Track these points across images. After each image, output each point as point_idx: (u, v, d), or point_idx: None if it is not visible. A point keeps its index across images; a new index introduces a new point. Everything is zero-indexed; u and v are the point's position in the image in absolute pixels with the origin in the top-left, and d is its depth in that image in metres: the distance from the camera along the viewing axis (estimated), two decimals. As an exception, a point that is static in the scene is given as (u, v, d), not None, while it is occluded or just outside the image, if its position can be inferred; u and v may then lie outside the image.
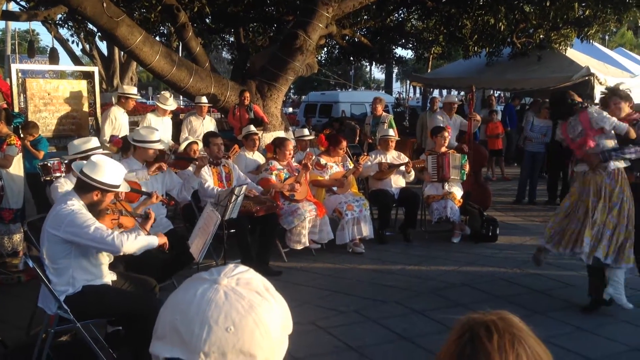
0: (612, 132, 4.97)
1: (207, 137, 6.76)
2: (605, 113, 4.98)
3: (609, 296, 5.02)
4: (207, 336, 1.02)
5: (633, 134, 4.96)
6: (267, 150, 7.84)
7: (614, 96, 5.29)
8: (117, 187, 3.87)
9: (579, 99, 5.13)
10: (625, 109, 5.24)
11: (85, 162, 3.93)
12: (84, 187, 3.79)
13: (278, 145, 7.13)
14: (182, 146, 7.35)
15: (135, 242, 3.73)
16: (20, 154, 6.41)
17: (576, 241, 5.02)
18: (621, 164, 4.99)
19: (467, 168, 7.82)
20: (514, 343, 1.09)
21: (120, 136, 7.41)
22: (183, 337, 1.03)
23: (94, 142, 5.15)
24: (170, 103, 8.75)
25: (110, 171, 3.80)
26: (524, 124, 10.64)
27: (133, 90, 8.53)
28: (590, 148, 4.96)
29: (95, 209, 3.83)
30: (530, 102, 12.65)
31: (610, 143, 4.98)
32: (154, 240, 3.89)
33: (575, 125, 5.05)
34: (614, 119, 4.95)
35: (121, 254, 3.73)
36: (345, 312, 5.15)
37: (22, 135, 7.16)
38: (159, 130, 6.07)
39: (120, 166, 3.97)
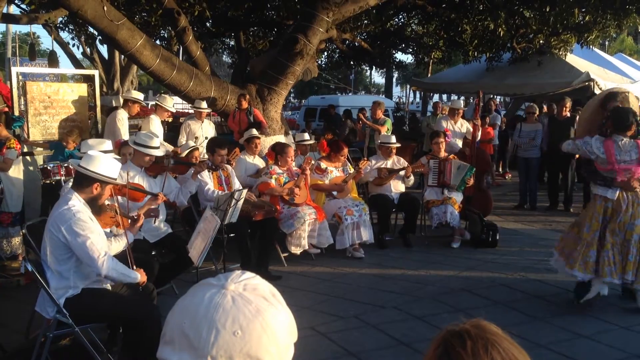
0: None
1: (214, 146, 6.56)
2: None
3: None
4: (214, 340, 1.03)
5: None
6: (268, 157, 7.83)
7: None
8: (115, 179, 3.90)
9: None
10: None
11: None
12: (84, 181, 3.80)
13: (279, 152, 7.10)
14: (184, 153, 7.34)
15: (118, 274, 3.71)
16: (20, 157, 6.40)
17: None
18: None
19: (470, 182, 7.69)
20: (487, 347, 1.11)
21: (123, 139, 7.41)
22: (191, 341, 1.05)
23: (107, 144, 5.19)
24: (171, 104, 8.95)
25: (107, 164, 3.84)
26: (514, 131, 10.71)
27: (140, 95, 8.63)
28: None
29: (95, 204, 3.85)
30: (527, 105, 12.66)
31: None
32: (137, 276, 3.84)
33: (629, 149, 4.97)
34: None
35: (100, 277, 3.72)
36: (344, 317, 5.14)
37: (62, 139, 7.22)
38: (159, 136, 6.07)
39: (115, 161, 4.01)
